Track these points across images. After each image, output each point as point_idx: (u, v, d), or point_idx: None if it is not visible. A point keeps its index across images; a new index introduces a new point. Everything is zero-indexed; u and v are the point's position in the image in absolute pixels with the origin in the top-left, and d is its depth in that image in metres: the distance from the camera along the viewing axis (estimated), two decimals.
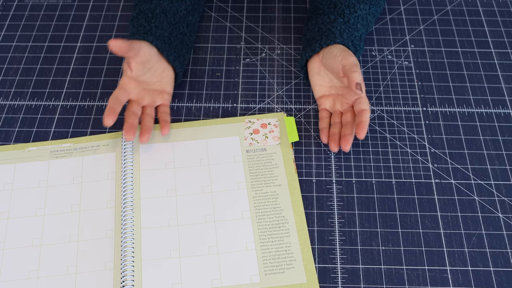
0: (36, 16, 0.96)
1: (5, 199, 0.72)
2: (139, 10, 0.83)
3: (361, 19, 0.81)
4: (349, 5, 0.81)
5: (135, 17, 0.83)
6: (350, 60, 0.73)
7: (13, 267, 0.67)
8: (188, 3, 0.86)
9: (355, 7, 0.81)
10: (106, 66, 0.88)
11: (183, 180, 0.73)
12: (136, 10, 0.83)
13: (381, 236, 0.69)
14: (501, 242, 0.69)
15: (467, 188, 0.73)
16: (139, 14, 0.82)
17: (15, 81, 0.86)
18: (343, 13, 0.80)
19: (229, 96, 0.84)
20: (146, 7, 0.82)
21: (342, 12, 0.80)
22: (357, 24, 0.80)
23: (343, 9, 0.81)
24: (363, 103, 0.74)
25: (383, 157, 0.77)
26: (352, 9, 0.81)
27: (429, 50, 0.89)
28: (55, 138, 0.79)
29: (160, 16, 0.81)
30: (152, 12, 0.81)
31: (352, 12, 0.81)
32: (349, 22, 0.80)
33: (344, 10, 0.81)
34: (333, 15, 0.81)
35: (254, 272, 0.65)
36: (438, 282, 0.65)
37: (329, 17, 0.81)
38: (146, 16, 0.81)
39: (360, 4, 0.81)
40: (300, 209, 0.71)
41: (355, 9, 0.81)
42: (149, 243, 0.68)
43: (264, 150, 0.76)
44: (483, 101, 0.83)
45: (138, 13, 0.82)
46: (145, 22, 0.80)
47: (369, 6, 0.83)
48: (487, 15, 0.95)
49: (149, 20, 0.80)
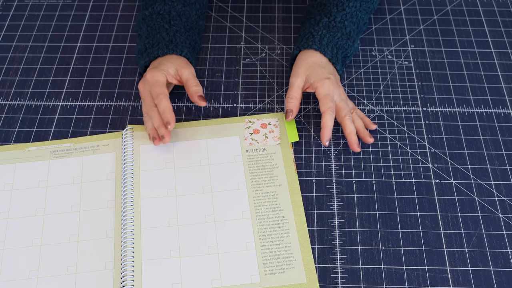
0: (36, 16, 0.96)
1: (5, 199, 0.72)
2: (152, 9, 0.82)
3: (350, 16, 0.81)
4: (337, 4, 0.82)
5: (147, 16, 0.82)
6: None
7: (13, 267, 0.67)
8: (198, 7, 0.87)
9: (343, 5, 0.81)
10: (106, 66, 0.88)
11: (183, 180, 0.73)
12: (148, 9, 0.83)
13: (381, 236, 0.69)
14: (501, 242, 0.69)
15: (467, 188, 0.73)
16: (153, 14, 0.82)
17: (15, 81, 0.86)
18: (329, 12, 0.81)
19: (229, 96, 0.84)
20: (160, 8, 0.82)
21: (329, 12, 0.81)
22: (344, 22, 0.81)
23: (330, 8, 0.81)
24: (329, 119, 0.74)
25: (383, 157, 0.77)
26: (340, 7, 0.81)
27: (429, 50, 0.89)
28: (55, 138, 0.79)
29: (176, 19, 0.82)
30: (169, 14, 0.81)
31: (340, 10, 0.81)
32: (335, 21, 0.80)
33: (332, 9, 0.81)
34: (319, 15, 0.81)
35: (254, 272, 0.65)
36: (438, 282, 0.65)
37: (315, 19, 0.81)
38: (163, 17, 0.81)
39: (350, 2, 0.82)
40: (300, 209, 0.71)
41: (343, 7, 0.81)
42: (149, 243, 0.68)
43: (264, 150, 0.76)
44: (483, 101, 0.83)
45: (152, 12, 0.82)
46: (163, 22, 0.80)
47: (360, 3, 0.83)
48: (487, 15, 0.95)
49: (167, 22, 0.80)
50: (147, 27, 0.81)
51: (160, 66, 0.76)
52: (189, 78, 0.76)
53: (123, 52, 0.90)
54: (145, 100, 0.75)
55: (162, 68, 0.75)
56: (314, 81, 0.76)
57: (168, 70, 0.76)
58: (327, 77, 0.75)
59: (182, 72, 0.76)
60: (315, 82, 0.75)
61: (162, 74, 0.75)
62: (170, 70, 0.76)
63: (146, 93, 0.75)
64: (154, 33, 0.80)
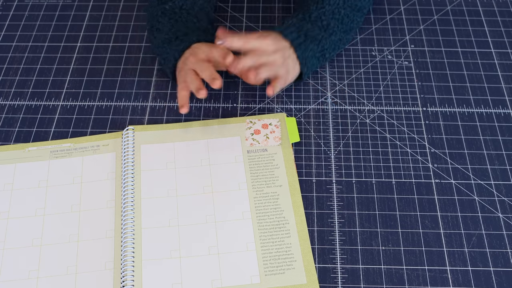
0: (36, 16, 0.96)
1: (5, 199, 0.72)
2: (173, 4, 0.83)
3: (330, 13, 0.81)
4: (317, 1, 0.82)
5: (168, 10, 0.83)
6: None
7: (13, 267, 0.67)
8: (213, 3, 0.89)
9: (323, 2, 0.82)
10: (106, 66, 0.88)
11: (183, 180, 0.73)
12: (168, 3, 0.83)
13: (381, 236, 0.69)
14: (501, 242, 0.69)
15: (467, 188, 0.73)
16: (175, 8, 0.83)
17: (15, 81, 0.86)
18: (308, 9, 0.81)
19: (229, 96, 0.84)
20: (182, 2, 0.83)
21: (307, 9, 0.82)
22: (321, 16, 0.80)
23: (309, 5, 0.82)
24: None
25: (383, 157, 0.77)
26: (320, 5, 0.81)
27: (429, 50, 0.89)
28: (55, 138, 0.79)
29: (200, 14, 0.84)
30: (192, 9, 0.83)
31: (319, 8, 0.81)
32: (310, 16, 0.80)
33: (310, 6, 0.82)
34: (297, 11, 0.83)
35: (254, 272, 0.65)
36: (438, 282, 0.65)
37: (292, 15, 0.83)
38: (188, 12, 0.82)
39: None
40: (301, 209, 0.71)
41: (323, 4, 0.81)
42: (149, 243, 0.68)
43: (265, 151, 0.76)
44: (483, 101, 0.83)
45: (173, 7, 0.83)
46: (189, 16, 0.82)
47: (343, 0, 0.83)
48: (487, 15, 0.95)
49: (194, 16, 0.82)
50: (169, 20, 0.82)
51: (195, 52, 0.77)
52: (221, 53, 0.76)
53: (123, 52, 0.90)
54: (199, 63, 0.75)
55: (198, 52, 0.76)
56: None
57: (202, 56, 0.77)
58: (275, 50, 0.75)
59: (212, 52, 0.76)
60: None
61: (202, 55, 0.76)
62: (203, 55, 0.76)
63: (200, 59, 0.76)
64: (181, 26, 0.81)
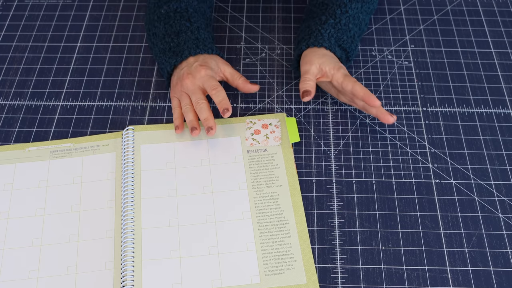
0: (36, 16, 0.96)
1: (5, 199, 0.72)
2: (168, 8, 0.83)
3: (353, 18, 0.82)
4: (340, 5, 0.81)
5: (163, 15, 0.82)
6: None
7: (13, 267, 0.67)
8: (209, 4, 0.88)
9: (346, 6, 0.81)
10: (106, 66, 0.88)
11: (183, 180, 0.73)
12: (163, 7, 0.83)
13: (381, 236, 0.69)
14: (501, 242, 0.69)
15: (467, 188, 0.73)
16: (170, 12, 0.82)
17: (15, 81, 0.86)
18: (334, 14, 0.81)
19: (229, 96, 0.84)
20: (176, 5, 0.82)
21: (333, 13, 0.81)
22: (349, 24, 0.81)
23: (334, 9, 0.81)
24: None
25: (383, 157, 0.77)
26: (343, 9, 0.81)
27: (429, 50, 0.89)
28: (55, 138, 0.79)
29: (195, 16, 0.83)
30: (186, 11, 0.82)
31: (344, 12, 0.81)
32: (341, 23, 0.80)
33: (336, 10, 0.81)
34: (325, 16, 0.81)
35: (254, 272, 0.65)
36: (438, 282, 0.65)
37: (320, 19, 0.81)
38: (181, 14, 0.82)
39: (352, 3, 0.82)
40: (301, 209, 0.71)
41: (346, 8, 0.81)
42: (149, 243, 0.68)
43: (265, 151, 0.76)
44: (483, 101, 0.83)
45: (168, 10, 0.82)
46: (183, 20, 0.81)
47: (361, 4, 0.83)
48: (487, 15, 0.95)
49: (187, 19, 0.81)
50: (164, 25, 0.82)
51: (206, 63, 0.77)
52: (233, 72, 0.80)
53: (123, 52, 0.90)
54: (195, 93, 0.76)
55: (210, 66, 0.77)
56: (330, 68, 0.76)
57: (214, 68, 0.78)
58: (341, 66, 0.76)
59: (224, 68, 0.79)
60: (331, 69, 0.76)
61: (212, 71, 0.77)
62: (215, 68, 0.78)
63: (196, 87, 0.76)
64: (174, 31, 0.80)
